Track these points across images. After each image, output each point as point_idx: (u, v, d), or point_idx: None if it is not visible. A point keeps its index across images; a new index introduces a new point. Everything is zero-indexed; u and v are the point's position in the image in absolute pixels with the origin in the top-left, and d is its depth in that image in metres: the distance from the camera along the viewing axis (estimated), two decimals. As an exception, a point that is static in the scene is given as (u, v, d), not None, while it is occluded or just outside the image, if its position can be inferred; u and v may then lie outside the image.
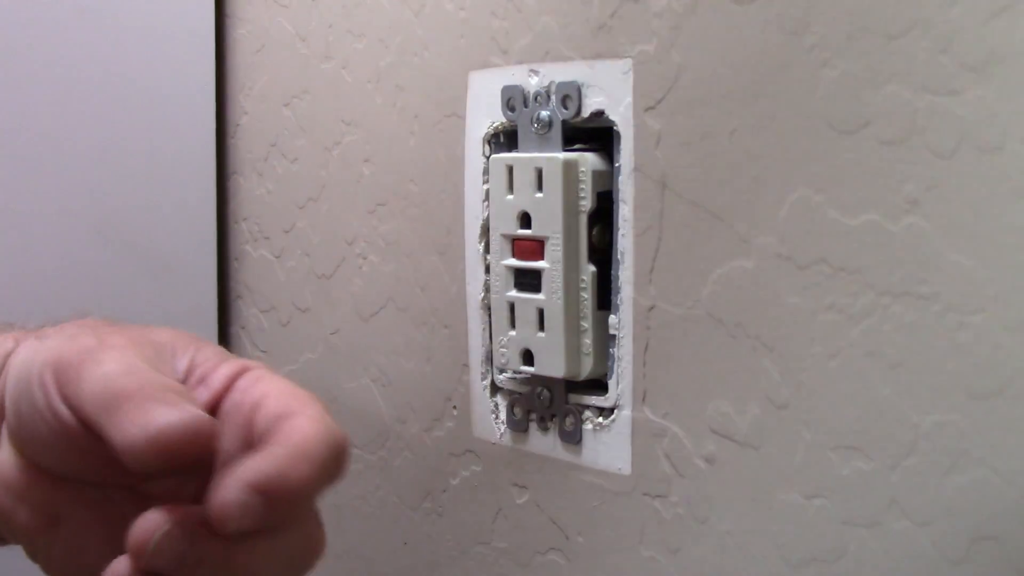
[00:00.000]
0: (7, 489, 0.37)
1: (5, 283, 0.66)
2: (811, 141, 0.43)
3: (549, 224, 0.50)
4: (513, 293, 0.53)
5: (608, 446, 0.51)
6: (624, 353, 0.50)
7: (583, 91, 0.50)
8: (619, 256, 0.50)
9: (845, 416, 0.42)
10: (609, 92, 0.49)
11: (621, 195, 0.49)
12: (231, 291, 0.76)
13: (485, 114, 0.55)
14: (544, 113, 0.52)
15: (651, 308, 0.49)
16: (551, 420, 0.54)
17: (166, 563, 0.32)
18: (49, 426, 0.35)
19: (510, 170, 0.52)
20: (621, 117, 0.49)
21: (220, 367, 0.37)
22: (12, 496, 0.37)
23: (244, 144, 0.74)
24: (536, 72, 0.52)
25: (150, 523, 0.32)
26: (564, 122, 0.51)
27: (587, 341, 0.51)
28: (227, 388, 0.36)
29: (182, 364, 0.37)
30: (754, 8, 0.44)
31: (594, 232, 0.50)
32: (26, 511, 0.36)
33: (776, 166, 0.44)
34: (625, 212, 0.49)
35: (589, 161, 0.50)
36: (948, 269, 0.39)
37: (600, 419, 0.51)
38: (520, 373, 0.54)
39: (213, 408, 0.36)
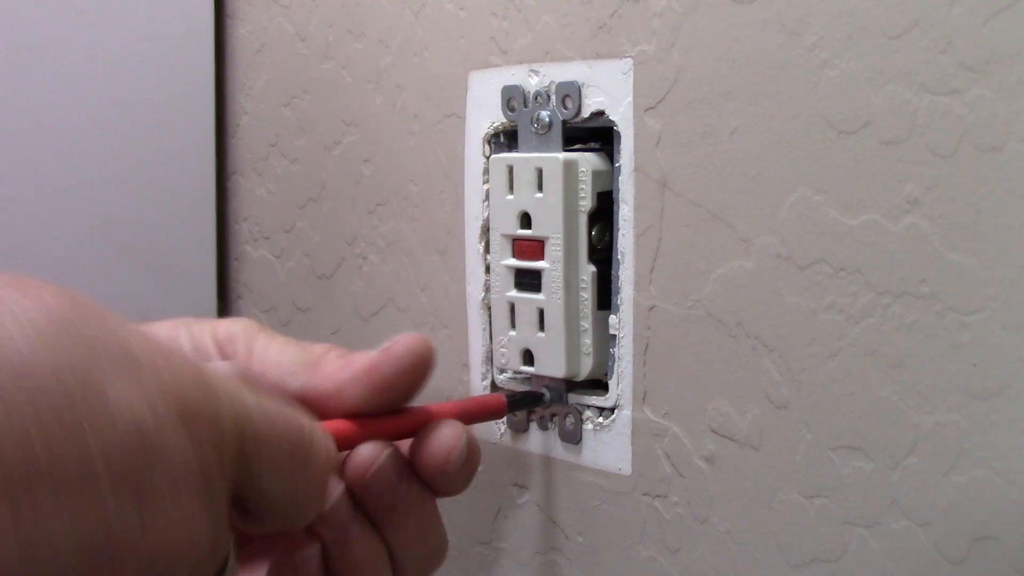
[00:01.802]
0: None
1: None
2: (811, 141, 0.43)
3: (549, 224, 0.50)
4: (513, 293, 0.53)
5: (608, 446, 0.51)
6: (624, 353, 0.50)
7: (583, 91, 0.50)
8: (619, 256, 0.50)
9: (845, 416, 0.42)
10: (609, 92, 0.49)
11: (621, 195, 0.49)
12: (231, 291, 0.76)
13: (485, 114, 0.55)
14: (544, 113, 0.52)
15: (651, 308, 0.49)
16: (551, 420, 0.54)
17: (376, 492, 0.36)
18: None
19: (510, 170, 0.52)
20: (621, 117, 0.49)
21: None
22: None
23: (244, 144, 0.74)
24: (536, 72, 0.52)
25: (368, 455, 0.36)
26: (564, 122, 0.51)
27: (587, 341, 0.51)
28: None
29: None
30: (754, 8, 0.44)
31: (594, 232, 0.50)
32: None
33: (776, 166, 0.44)
34: (625, 212, 0.49)
35: (589, 161, 0.50)
36: (948, 269, 0.39)
37: (600, 419, 0.51)
38: (520, 373, 0.54)
39: None
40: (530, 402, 0.52)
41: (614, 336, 0.50)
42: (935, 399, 0.40)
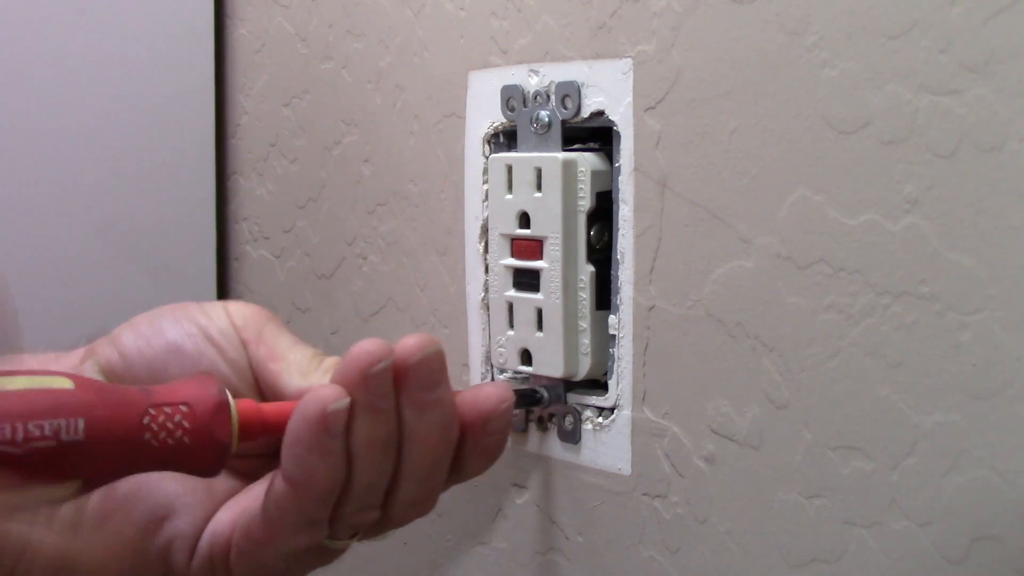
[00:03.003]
0: None
1: (7, 282, 0.66)
2: (811, 141, 0.43)
3: (548, 224, 0.50)
4: (512, 293, 0.53)
5: (608, 446, 0.51)
6: (624, 353, 0.50)
7: (583, 91, 0.50)
8: (619, 256, 0.50)
9: (845, 416, 0.42)
10: (609, 92, 0.49)
11: (621, 195, 0.49)
12: (231, 291, 0.76)
13: (485, 114, 0.55)
14: (543, 113, 0.52)
15: (651, 308, 0.49)
16: (550, 420, 0.54)
17: (425, 374, 0.37)
18: None
19: (509, 170, 0.52)
20: (621, 117, 0.49)
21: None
22: None
23: (244, 144, 0.74)
24: (536, 72, 0.52)
25: (426, 339, 0.37)
26: (564, 122, 0.51)
27: (585, 341, 0.51)
28: None
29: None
30: (754, 8, 0.44)
31: (593, 232, 0.50)
32: None
33: (776, 166, 0.44)
34: (625, 212, 0.49)
35: (588, 161, 0.50)
36: (948, 269, 0.39)
37: (600, 419, 0.51)
38: (519, 373, 0.54)
39: None
40: (528, 401, 0.52)
41: (614, 336, 0.50)
42: (935, 399, 0.40)
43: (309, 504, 0.35)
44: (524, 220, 0.52)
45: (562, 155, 0.50)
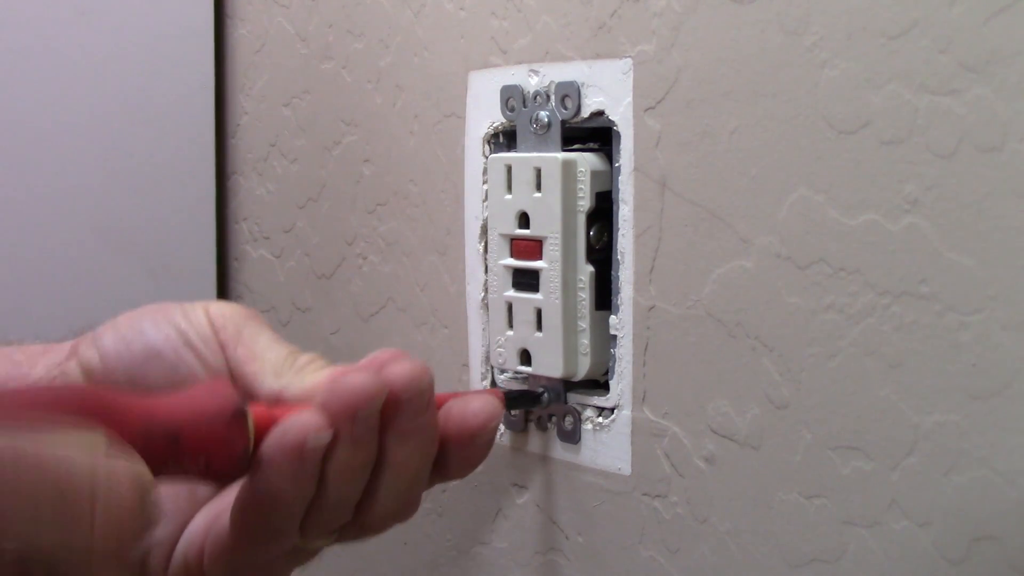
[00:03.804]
0: None
1: (5, 283, 0.66)
2: (811, 141, 0.43)
3: (547, 224, 0.50)
4: (511, 293, 0.53)
5: (608, 446, 0.51)
6: (624, 353, 0.50)
7: (583, 91, 0.50)
8: (619, 256, 0.50)
9: (845, 416, 0.42)
10: (609, 92, 0.49)
11: (621, 195, 0.49)
12: (231, 291, 0.76)
13: (485, 114, 0.55)
14: (543, 113, 0.51)
15: (651, 308, 0.49)
16: (550, 420, 0.54)
17: (415, 406, 0.36)
18: None
19: (508, 170, 0.52)
20: (621, 117, 0.49)
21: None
22: None
23: (244, 144, 0.74)
24: (536, 72, 0.52)
25: (420, 369, 0.36)
26: (563, 122, 0.51)
27: (584, 341, 0.51)
28: None
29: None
30: (754, 8, 0.44)
31: (592, 232, 0.50)
32: None
33: (776, 166, 0.44)
34: (625, 212, 0.49)
35: (588, 161, 0.50)
36: (948, 269, 0.39)
37: (600, 419, 0.51)
38: (519, 373, 0.54)
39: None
40: (527, 401, 0.52)
41: (614, 336, 0.50)
42: (935, 399, 0.40)
43: (276, 519, 0.35)
44: (524, 220, 0.52)
45: (562, 155, 0.50)
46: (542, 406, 0.53)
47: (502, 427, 0.56)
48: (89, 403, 0.33)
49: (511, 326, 0.53)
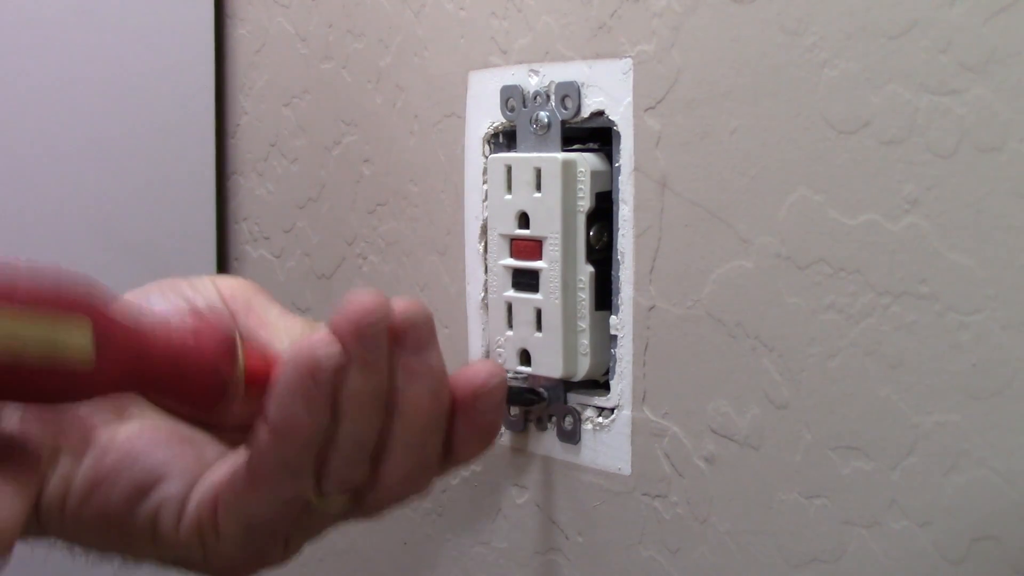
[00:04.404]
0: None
1: (5, 283, 0.66)
2: (811, 141, 0.43)
3: (547, 224, 0.50)
4: (511, 293, 0.53)
5: (608, 446, 0.51)
6: (624, 353, 0.50)
7: (583, 91, 0.50)
8: (619, 256, 0.50)
9: (845, 416, 0.42)
10: (609, 92, 0.49)
11: (621, 195, 0.49)
12: (231, 291, 0.76)
13: (485, 114, 0.55)
14: (543, 113, 0.51)
15: (651, 308, 0.49)
16: (550, 420, 0.54)
17: (415, 337, 0.36)
18: None
19: (508, 170, 0.52)
20: (621, 117, 0.49)
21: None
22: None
23: (244, 144, 0.74)
24: (536, 72, 0.52)
25: (417, 303, 0.36)
26: (563, 122, 0.51)
27: (584, 341, 0.51)
28: None
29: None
30: (754, 8, 0.44)
31: (592, 232, 0.50)
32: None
33: (776, 166, 0.44)
34: (625, 212, 0.49)
35: (588, 161, 0.50)
36: (948, 269, 0.39)
37: (600, 419, 0.51)
38: (518, 373, 0.54)
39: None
40: (528, 400, 0.52)
41: (614, 336, 0.50)
42: (935, 399, 0.40)
43: (291, 452, 0.35)
44: (523, 220, 0.52)
45: (561, 155, 0.50)
46: (543, 403, 0.53)
47: (502, 428, 0.56)
48: (82, 301, 0.33)
49: (511, 326, 0.53)
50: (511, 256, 0.52)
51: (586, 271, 0.50)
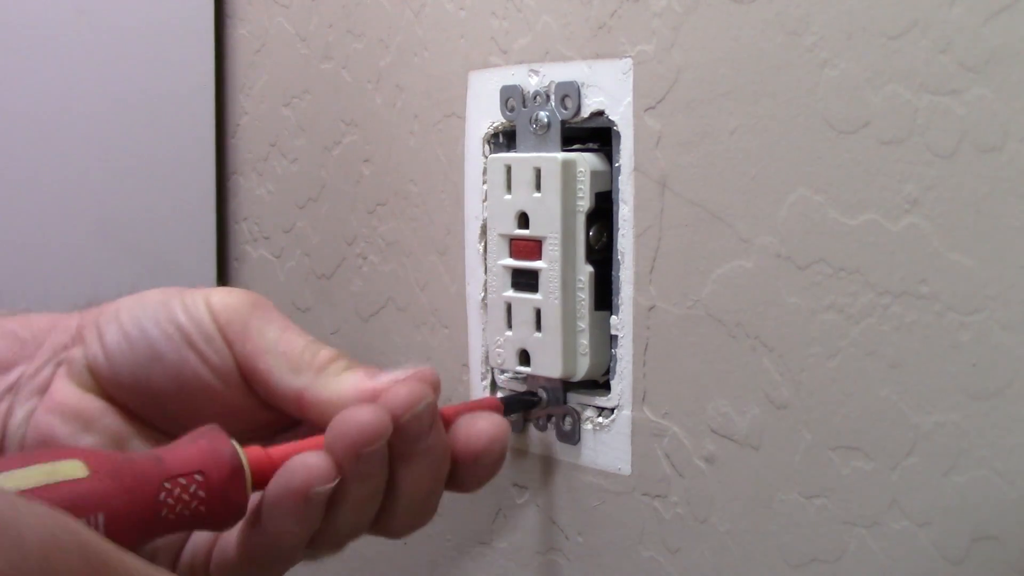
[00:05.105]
0: (75, 417, 0.38)
1: (5, 283, 0.66)
2: (811, 141, 0.42)
3: (547, 224, 0.50)
4: (510, 293, 0.53)
5: (608, 446, 0.51)
6: (624, 353, 0.50)
7: (582, 91, 0.50)
8: (619, 256, 0.50)
9: (845, 416, 0.42)
10: (609, 92, 0.49)
11: (621, 195, 0.49)
12: (231, 291, 0.76)
13: (485, 114, 0.55)
14: (543, 113, 0.51)
15: (651, 308, 0.49)
16: (550, 421, 0.54)
17: (415, 430, 0.35)
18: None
19: (508, 170, 0.52)
20: (621, 117, 0.49)
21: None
22: (79, 424, 0.37)
23: (244, 144, 0.74)
24: (536, 72, 0.52)
25: (417, 392, 0.35)
26: (563, 122, 0.51)
27: (584, 342, 0.51)
28: None
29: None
30: (754, 8, 0.44)
31: (592, 232, 0.50)
32: (92, 437, 0.38)
33: (776, 166, 0.44)
34: (625, 212, 0.49)
35: (588, 161, 0.50)
36: (948, 269, 0.39)
37: (600, 419, 0.51)
38: (518, 373, 0.54)
39: None
40: (525, 405, 0.52)
41: (614, 336, 0.50)
42: (935, 399, 0.40)
43: (282, 551, 0.35)
44: (523, 220, 0.52)
45: (561, 155, 0.50)
46: (539, 408, 0.53)
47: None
48: (92, 488, 0.32)
49: (510, 326, 0.53)
50: (510, 256, 0.52)
51: (586, 271, 0.50)
